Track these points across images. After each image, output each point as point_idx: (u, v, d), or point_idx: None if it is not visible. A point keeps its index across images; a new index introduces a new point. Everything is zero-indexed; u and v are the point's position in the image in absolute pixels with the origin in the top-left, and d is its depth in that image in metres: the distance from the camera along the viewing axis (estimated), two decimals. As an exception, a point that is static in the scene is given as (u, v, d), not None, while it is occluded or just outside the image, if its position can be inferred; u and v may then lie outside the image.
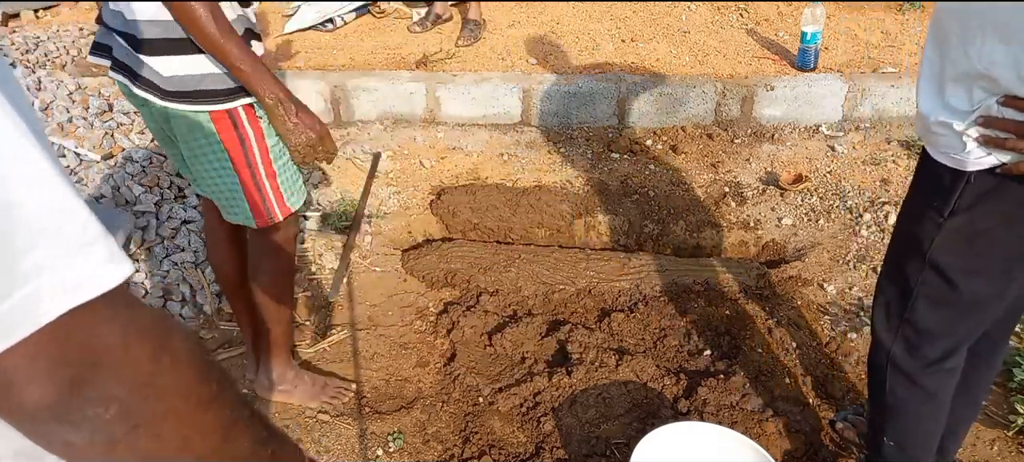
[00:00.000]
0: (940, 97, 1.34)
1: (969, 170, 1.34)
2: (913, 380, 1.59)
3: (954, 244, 1.41)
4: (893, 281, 1.59)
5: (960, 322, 1.50)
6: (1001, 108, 1.25)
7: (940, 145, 1.38)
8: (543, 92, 3.60)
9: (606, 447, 2.08)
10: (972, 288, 1.43)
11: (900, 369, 1.60)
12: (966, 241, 1.40)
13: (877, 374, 1.68)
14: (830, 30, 3.92)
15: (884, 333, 1.61)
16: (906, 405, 1.64)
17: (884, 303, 1.62)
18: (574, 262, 2.78)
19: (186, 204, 2.78)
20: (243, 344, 2.42)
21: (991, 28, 1.23)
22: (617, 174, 3.33)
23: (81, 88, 3.14)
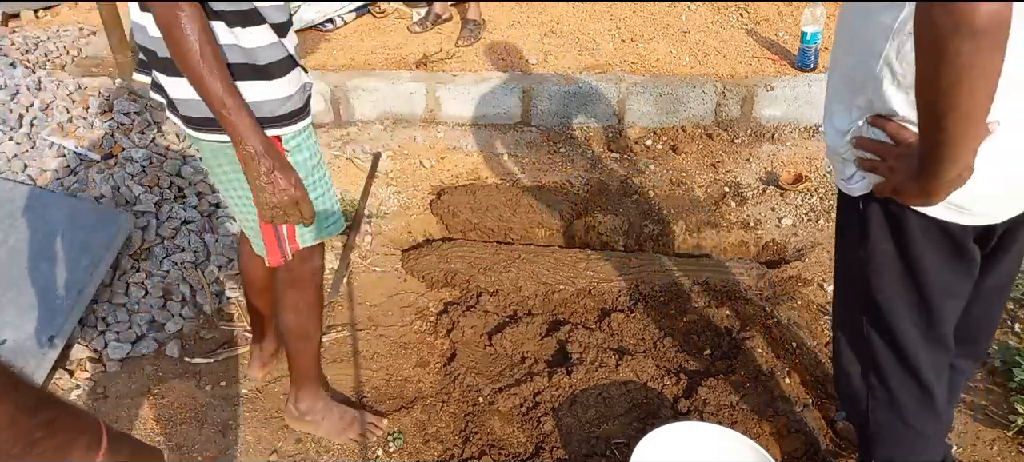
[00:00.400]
0: (830, 120, 1.32)
1: (855, 196, 1.32)
2: (894, 413, 1.51)
3: (873, 275, 1.37)
4: (841, 319, 1.55)
5: (920, 356, 1.43)
6: (870, 128, 1.23)
7: (835, 171, 1.36)
8: (543, 92, 3.60)
9: (606, 447, 2.08)
10: (904, 323, 1.38)
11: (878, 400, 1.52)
12: (878, 271, 1.36)
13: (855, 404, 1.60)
14: (830, 30, 3.92)
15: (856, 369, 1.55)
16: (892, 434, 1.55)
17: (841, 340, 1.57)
18: (574, 262, 2.78)
19: (186, 204, 2.78)
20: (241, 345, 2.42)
21: (857, 40, 1.21)
22: (617, 174, 3.33)
23: (81, 88, 3.14)
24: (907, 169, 1.16)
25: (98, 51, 3.92)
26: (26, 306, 2.28)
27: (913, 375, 1.45)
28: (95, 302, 2.44)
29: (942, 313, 1.37)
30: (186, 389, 2.27)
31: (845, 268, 1.49)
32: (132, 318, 2.46)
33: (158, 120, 3.09)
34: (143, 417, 2.18)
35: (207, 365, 2.37)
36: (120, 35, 3.59)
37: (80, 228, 2.43)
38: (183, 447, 2.10)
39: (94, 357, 2.37)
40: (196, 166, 2.92)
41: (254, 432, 2.14)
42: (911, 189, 1.17)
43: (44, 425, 0.67)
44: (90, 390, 2.27)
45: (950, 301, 1.37)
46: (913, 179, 1.15)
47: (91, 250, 2.40)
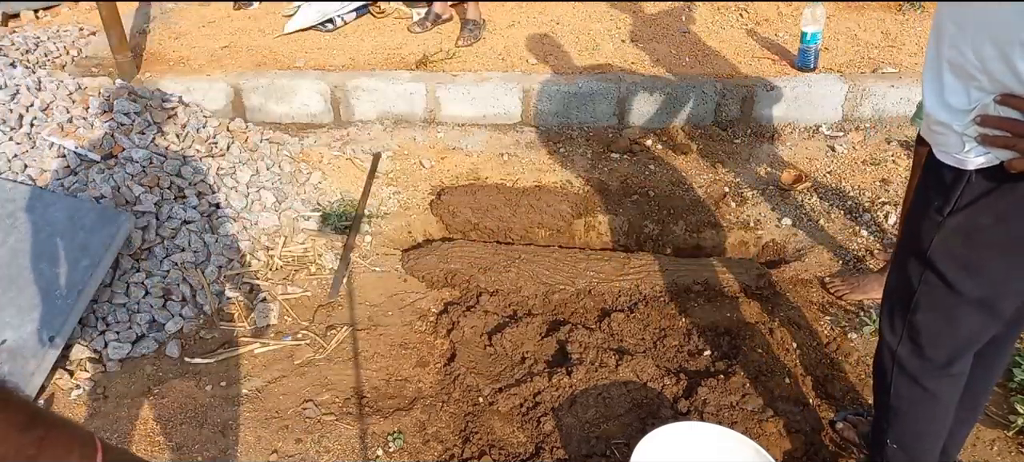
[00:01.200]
0: (940, 96, 1.35)
1: (969, 169, 1.34)
2: (917, 382, 1.58)
3: (952, 243, 1.41)
4: (897, 282, 1.58)
5: (961, 325, 1.49)
6: (997, 106, 1.25)
7: (941, 144, 1.39)
8: (543, 92, 3.60)
9: (606, 447, 2.08)
10: (970, 289, 1.42)
11: (905, 371, 1.59)
12: (963, 240, 1.39)
13: (882, 376, 1.67)
14: (830, 30, 3.92)
15: (889, 335, 1.61)
16: (910, 407, 1.63)
17: (889, 304, 1.61)
18: (574, 262, 2.78)
19: (186, 204, 2.78)
20: (241, 345, 2.42)
21: (983, 27, 1.23)
22: (617, 174, 3.33)
23: (81, 88, 3.14)
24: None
25: (98, 51, 3.92)
26: (26, 306, 2.28)
27: (951, 339, 1.50)
28: (95, 302, 2.44)
29: (1011, 289, 1.41)
30: (186, 389, 2.27)
31: (920, 231, 1.50)
32: (132, 318, 2.46)
33: (158, 120, 3.09)
34: (143, 417, 2.18)
35: (207, 365, 2.37)
36: (120, 35, 3.59)
37: (80, 228, 2.43)
38: (183, 447, 2.10)
39: (94, 357, 2.37)
40: (196, 166, 2.92)
41: (254, 432, 2.14)
42: None
43: (36, 442, 0.66)
44: (90, 390, 2.27)
45: (1012, 281, 1.41)
46: None
47: (91, 250, 2.40)
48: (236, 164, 3.06)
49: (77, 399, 2.25)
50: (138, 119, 3.02)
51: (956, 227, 1.39)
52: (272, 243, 2.84)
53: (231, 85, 3.64)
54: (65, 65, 3.97)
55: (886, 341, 1.63)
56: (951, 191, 1.38)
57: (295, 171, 3.20)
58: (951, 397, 1.60)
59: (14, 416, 0.65)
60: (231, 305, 2.58)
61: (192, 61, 3.83)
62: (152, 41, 4.04)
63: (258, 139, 3.28)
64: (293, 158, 3.28)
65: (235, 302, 2.59)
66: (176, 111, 3.20)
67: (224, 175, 2.98)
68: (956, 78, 1.31)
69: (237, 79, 3.66)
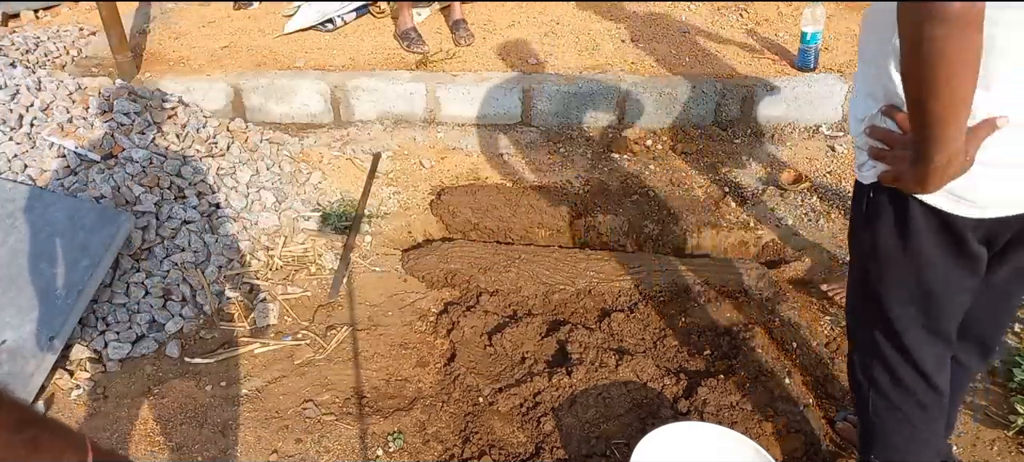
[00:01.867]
0: (852, 108, 1.35)
1: (864, 183, 1.34)
2: (891, 402, 1.53)
3: (873, 266, 1.39)
4: (850, 302, 1.56)
5: (913, 349, 1.43)
6: (883, 117, 1.25)
7: (855, 158, 1.39)
8: (543, 92, 3.60)
9: (606, 447, 2.08)
10: (904, 313, 1.39)
11: (881, 392, 1.54)
12: (880, 262, 1.38)
13: (858, 389, 1.62)
14: (830, 30, 3.92)
15: (857, 353, 1.56)
16: (891, 425, 1.57)
17: (851, 323, 1.58)
18: (574, 262, 2.78)
19: (186, 204, 2.78)
20: (241, 345, 2.42)
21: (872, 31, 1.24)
22: (617, 174, 3.33)
23: (81, 88, 3.14)
24: (907, 156, 1.19)
25: (98, 51, 3.92)
26: (26, 306, 2.28)
27: (916, 368, 1.46)
28: (95, 302, 2.44)
29: (943, 307, 1.38)
30: (186, 389, 2.27)
31: (854, 258, 1.50)
32: (132, 318, 2.46)
33: (158, 120, 3.09)
34: (143, 417, 2.18)
35: (207, 365, 2.37)
36: (120, 35, 3.59)
37: (80, 228, 2.43)
38: (183, 447, 2.10)
39: (94, 357, 2.37)
40: (196, 166, 2.92)
41: (254, 432, 2.14)
42: (908, 176, 1.19)
43: (28, 442, 0.66)
44: (90, 390, 2.27)
45: (952, 296, 1.37)
46: (911, 164, 1.18)
47: (91, 250, 2.40)
48: (236, 164, 3.06)
49: (77, 399, 2.25)
50: (138, 119, 3.02)
51: (870, 248, 1.38)
52: (272, 243, 2.84)
53: (231, 85, 3.64)
54: (65, 65, 3.97)
55: (855, 359, 1.58)
56: (858, 209, 1.38)
57: (295, 171, 3.20)
58: (932, 411, 1.53)
59: (6, 416, 0.65)
60: (231, 305, 2.58)
61: (192, 61, 3.83)
62: (152, 41, 4.04)
63: (258, 139, 3.28)
64: (293, 158, 3.28)
65: (235, 302, 2.59)
66: (176, 111, 3.20)
67: (224, 175, 2.98)
68: (863, 86, 1.32)
69: (237, 79, 3.66)
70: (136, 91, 3.20)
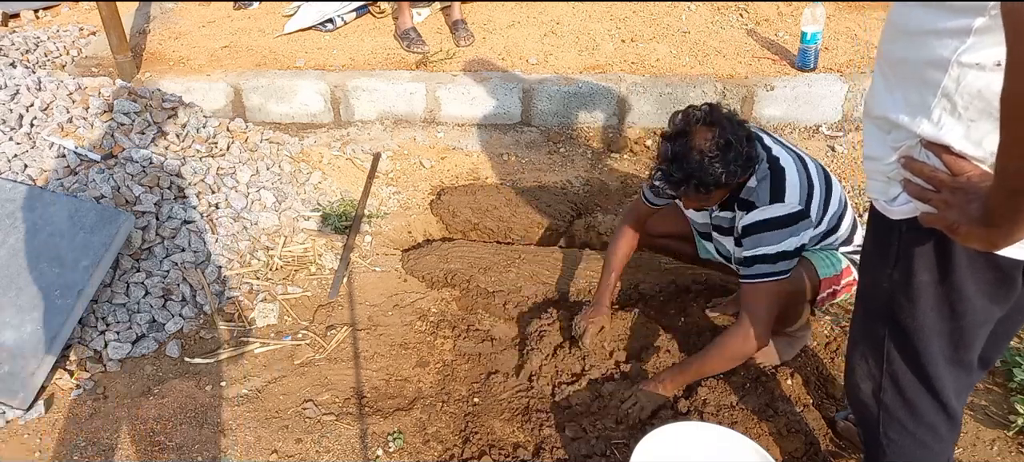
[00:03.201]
0: (874, 130, 1.22)
1: (894, 219, 1.22)
2: (906, 428, 1.46)
3: (904, 301, 1.29)
4: (863, 333, 1.46)
5: (937, 378, 1.36)
6: (924, 151, 1.12)
7: (870, 186, 1.28)
8: (543, 92, 3.60)
9: (606, 447, 2.08)
10: (933, 347, 1.31)
11: (892, 416, 1.46)
12: (912, 297, 1.27)
13: (863, 409, 1.53)
14: (830, 30, 3.92)
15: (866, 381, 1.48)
16: (904, 449, 1.50)
17: (860, 352, 1.48)
18: (574, 262, 2.78)
19: (186, 204, 2.78)
20: (241, 345, 2.42)
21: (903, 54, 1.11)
22: (617, 174, 3.33)
23: (81, 88, 3.14)
24: (965, 208, 1.03)
25: (98, 51, 3.92)
26: (26, 306, 2.28)
27: (936, 398, 1.38)
28: (95, 302, 2.44)
29: (974, 341, 1.31)
30: (186, 389, 2.27)
31: (872, 285, 1.39)
32: (132, 318, 2.46)
33: (158, 120, 3.09)
34: (143, 417, 2.18)
35: (207, 365, 2.37)
36: (120, 35, 3.59)
37: (80, 228, 2.43)
38: (183, 447, 2.10)
39: (94, 357, 2.37)
40: (196, 166, 2.92)
41: (254, 432, 2.14)
42: (973, 233, 1.04)
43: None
44: (90, 390, 2.27)
45: (984, 329, 1.30)
46: (976, 223, 1.02)
47: (91, 250, 2.40)
48: (236, 164, 3.06)
49: (77, 399, 2.25)
50: (138, 119, 3.02)
51: (901, 283, 1.27)
52: (272, 243, 2.84)
53: (231, 85, 3.65)
54: (65, 65, 3.97)
55: (861, 385, 1.49)
56: (888, 244, 1.26)
57: (295, 171, 3.20)
58: (947, 436, 1.47)
59: None
60: (231, 305, 2.58)
61: (192, 61, 3.83)
62: (152, 41, 4.04)
63: (258, 139, 3.28)
64: (293, 158, 3.28)
65: (235, 302, 2.59)
66: (176, 111, 3.20)
67: (224, 175, 2.98)
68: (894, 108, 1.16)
69: (237, 79, 3.66)
70: (136, 91, 3.20)
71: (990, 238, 1.03)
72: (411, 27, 3.95)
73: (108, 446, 2.10)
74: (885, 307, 1.34)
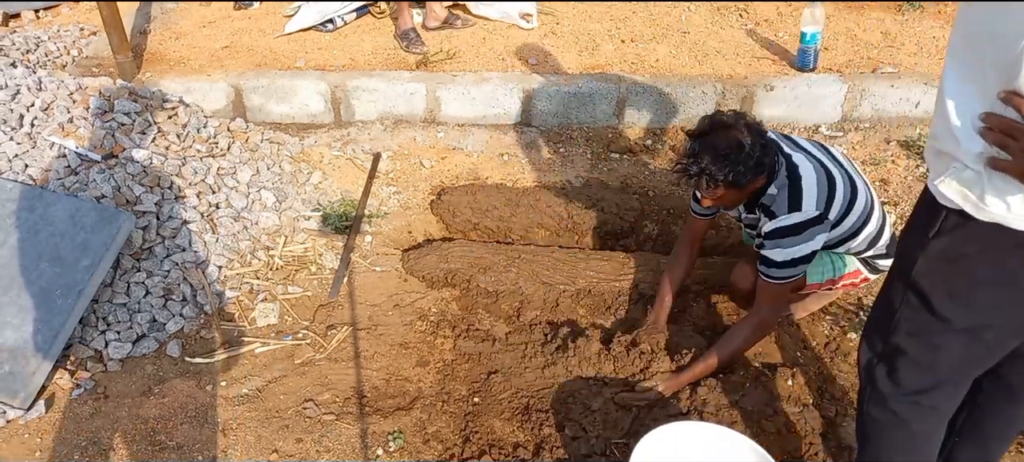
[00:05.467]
0: (946, 115, 1.25)
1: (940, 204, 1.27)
2: (887, 404, 1.51)
3: (937, 267, 1.33)
4: (880, 301, 1.51)
5: (942, 353, 1.40)
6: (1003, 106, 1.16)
7: (929, 164, 1.33)
8: (543, 92, 3.60)
9: (606, 447, 2.08)
10: (954, 316, 1.34)
11: (877, 390, 1.52)
12: (948, 265, 1.32)
13: (858, 397, 1.60)
14: (830, 30, 3.92)
15: (868, 353, 1.54)
16: (880, 432, 1.56)
17: (871, 323, 1.55)
18: (574, 262, 2.78)
19: (187, 204, 2.79)
20: (242, 344, 2.42)
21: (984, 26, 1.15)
22: (617, 174, 3.33)
23: (82, 88, 3.14)
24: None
25: (98, 51, 3.92)
26: (27, 306, 2.29)
27: (930, 365, 1.42)
28: (96, 302, 2.45)
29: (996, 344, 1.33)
30: (187, 389, 2.27)
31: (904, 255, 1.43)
32: (133, 318, 2.46)
33: (159, 120, 3.09)
34: (143, 416, 2.18)
35: (208, 365, 2.37)
36: (121, 35, 3.59)
37: (81, 228, 2.44)
38: (183, 447, 2.10)
39: (95, 356, 2.37)
40: (196, 166, 2.92)
41: (254, 432, 2.15)
42: None
43: None
44: (91, 389, 2.27)
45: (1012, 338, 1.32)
46: None
47: (92, 250, 2.40)
48: (236, 164, 3.06)
49: (78, 398, 2.25)
50: (139, 119, 3.03)
51: (941, 251, 1.31)
52: (272, 243, 2.84)
53: (231, 85, 3.65)
54: (66, 65, 3.97)
55: (863, 360, 1.55)
56: (936, 213, 1.30)
57: (295, 171, 3.20)
58: (923, 426, 1.52)
59: None
60: (231, 305, 2.59)
61: (192, 61, 3.83)
62: (152, 41, 4.05)
63: (258, 139, 3.29)
64: (293, 158, 3.28)
65: (235, 302, 2.60)
66: (176, 111, 3.20)
67: (224, 175, 2.99)
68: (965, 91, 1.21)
69: (237, 79, 3.67)
70: (137, 91, 3.21)
71: None
72: (411, 27, 3.95)
73: (108, 446, 2.10)
74: (912, 273, 1.37)
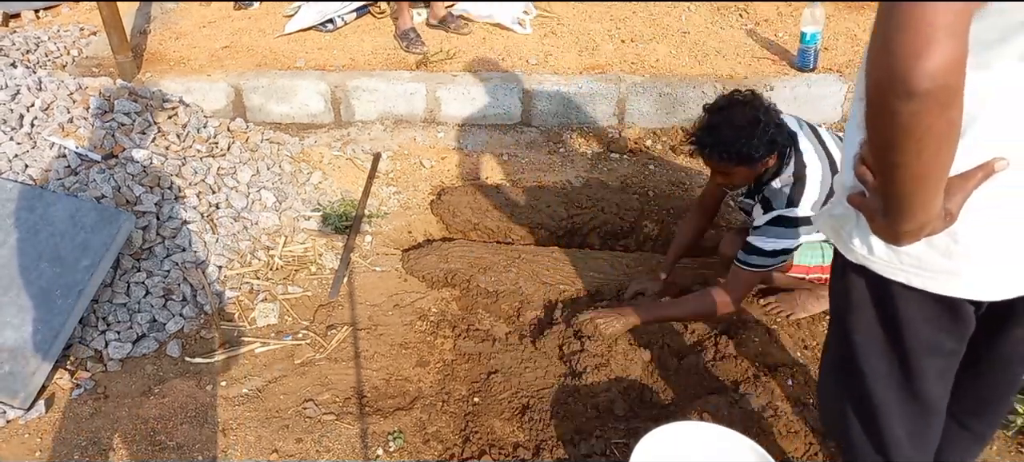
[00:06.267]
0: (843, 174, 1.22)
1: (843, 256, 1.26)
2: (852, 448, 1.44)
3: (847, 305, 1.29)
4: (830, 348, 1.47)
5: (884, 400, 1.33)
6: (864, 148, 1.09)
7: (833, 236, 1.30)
8: (543, 92, 3.60)
9: (606, 447, 2.08)
10: (877, 372, 1.29)
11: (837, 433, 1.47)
12: (854, 304, 1.27)
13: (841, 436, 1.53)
14: (830, 30, 3.92)
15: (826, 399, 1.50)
16: None
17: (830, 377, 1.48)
18: (574, 262, 2.78)
19: (187, 204, 2.79)
20: (242, 344, 2.42)
21: None
22: (617, 174, 3.33)
23: (82, 88, 3.14)
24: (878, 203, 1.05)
25: (99, 51, 3.92)
26: (27, 306, 2.29)
27: (877, 431, 1.36)
28: (96, 302, 2.45)
29: (922, 371, 1.27)
30: (187, 389, 2.27)
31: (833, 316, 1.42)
32: (133, 318, 2.46)
33: (159, 120, 3.09)
34: (143, 416, 2.18)
35: (208, 365, 2.37)
36: (121, 35, 3.59)
37: (81, 228, 2.44)
38: (183, 447, 2.10)
39: (95, 356, 2.37)
40: (196, 166, 2.92)
41: (254, 432, 2.15)
42: (879, 225, 1.06)
43: None
44: (91, 390, 2.27)
45: (932, 359, 1.27)
46: (881, 217, 1.04)
47: (92, 250, 2.40)
48: (236, 164, 3.06)
49: (78, 399, 2.25)
50: (139, 119, 3.03)
51: (843, 291, 1.28)
52: (272, 243, 2.84)
53: (231, 85, 3.65)
54: (66, 65, 3.98)
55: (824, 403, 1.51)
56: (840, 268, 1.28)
57: (295, 171, 3.20)
58: None
59: None
60: (231, 305, 2.59)
61: (192, 61, 3.83)
62: (152, 41, 4.05)
63: (258, 139, 3.29)
64: (293, 158, 3.28)
65: (235, 302, 2.60)
66: (176, 111, 3.20)
67: (224, 175, 2.99)
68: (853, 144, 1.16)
69: (237, 79, 3.67)
70: (137, 91, 3.21)
71: (888, 231, 1.04)
72: (411, 27, 3.95)
73: (108, 446, 2.10)
74: (838, 334, 1.36)
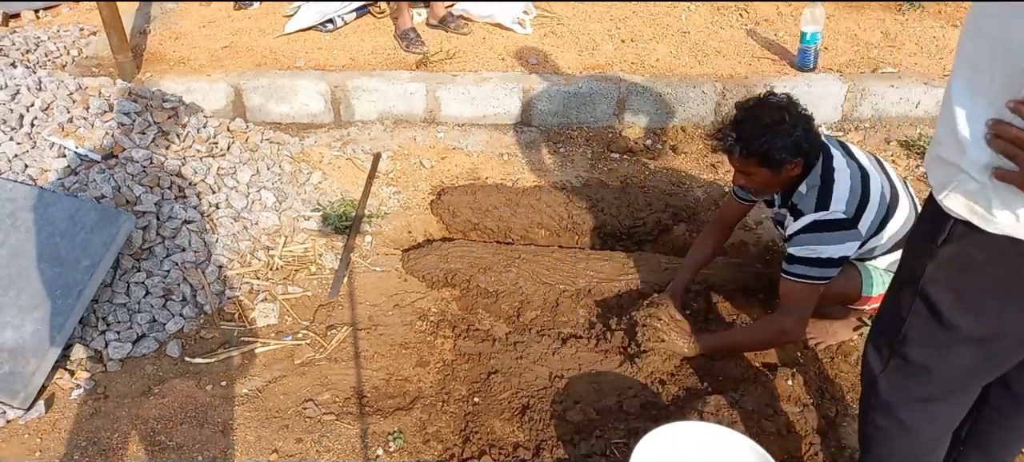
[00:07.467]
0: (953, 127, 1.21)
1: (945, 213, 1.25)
2: (892, 412, 1.50)
3: (945, 275, 1.31)
4: (888, 309, 1.49)
5: (951, 362, 1.38)
6: (1011, 114, 1.12)
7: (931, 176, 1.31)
8: (543, 92, 3.60)
9: (606, 447, 2.08)
10: (964, 324, 1.32)
11: (882, 398, 1.50)
12: (957, 272, 1.29)
13: (861, 402, 1.59)
14: (830, 30, 3.92)
15: (874, 360, 1.52)
16: (884, 440, 1.55)
17: (877, 331, 1.53)
18: (574, 262, 2.78)
19: (186, 204, 2.79)
20: (242, 344, 2.42)
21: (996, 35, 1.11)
22: (617, 174, 3.33)
23: (82, 88, 3.14)
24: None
25: (98, 51, 3.92)
26: (27, 306, 2.29)
27: (939, 374, 1.40)
28: (96, 302, 2.45)
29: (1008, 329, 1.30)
30: (187, 389, 2.27)
31: (912, 263, 1.40)
32: (133, 318, 2.46)
33: (158, 120, 3.09)
34: (143, 417, 2.18)
35: (208, 365, 2.37)
36: (121, 35, 3.60)
37: (81, 228, 2.44)
38: (183, 447, 2.10)
39: (95, 356, 2.37)
40: (196, 166, 2.92)
41: (254, 432, 2.15)
42: None
43: None
44: (91, 390, 2.27)
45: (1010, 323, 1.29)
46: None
47: (92, 250, 2.40)
48: (236, 164, 3.06)
49: (78, 399, 2.25)
50: (139, 119, 3.03)
51: (949, 258, 1.28)
52: (272, 243, 2.84)
53: (231, 85, 3.65)
54: (65, 65, 3.98)
55: (869, 367, 1.53)
56: (944, 220, 1.28)
57: (295, 171, 3.20)
58: (926, 432, 1.50)
59: None
60: (231, 305, 2.59)
61: (192, 61, 3.83)
62: (152, 41, 4.05)
63: (258, 139, 3.29)
64: (293, 158, 3.28)
65: (235, 302, 2.60)
66: (176, 111, 3.20)
67: (224, 175, 2.99)
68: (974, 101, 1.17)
69: (237, 79, 3.67)
70: (137, 91, 3.21)
71: None
72: (411, 27, 3.95)
73: (108, 446, 2.10)
74: (921, 281, 1.34)
